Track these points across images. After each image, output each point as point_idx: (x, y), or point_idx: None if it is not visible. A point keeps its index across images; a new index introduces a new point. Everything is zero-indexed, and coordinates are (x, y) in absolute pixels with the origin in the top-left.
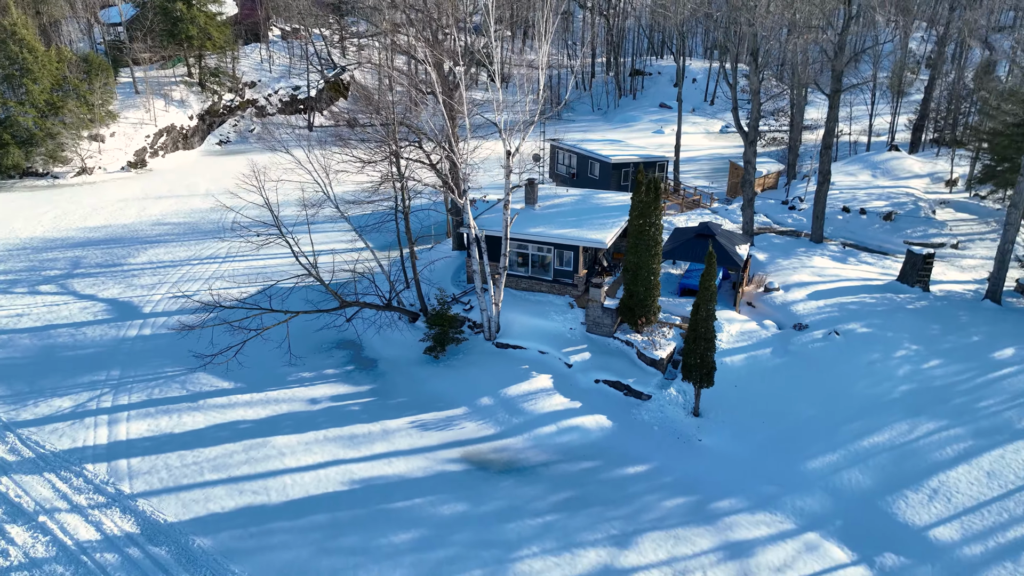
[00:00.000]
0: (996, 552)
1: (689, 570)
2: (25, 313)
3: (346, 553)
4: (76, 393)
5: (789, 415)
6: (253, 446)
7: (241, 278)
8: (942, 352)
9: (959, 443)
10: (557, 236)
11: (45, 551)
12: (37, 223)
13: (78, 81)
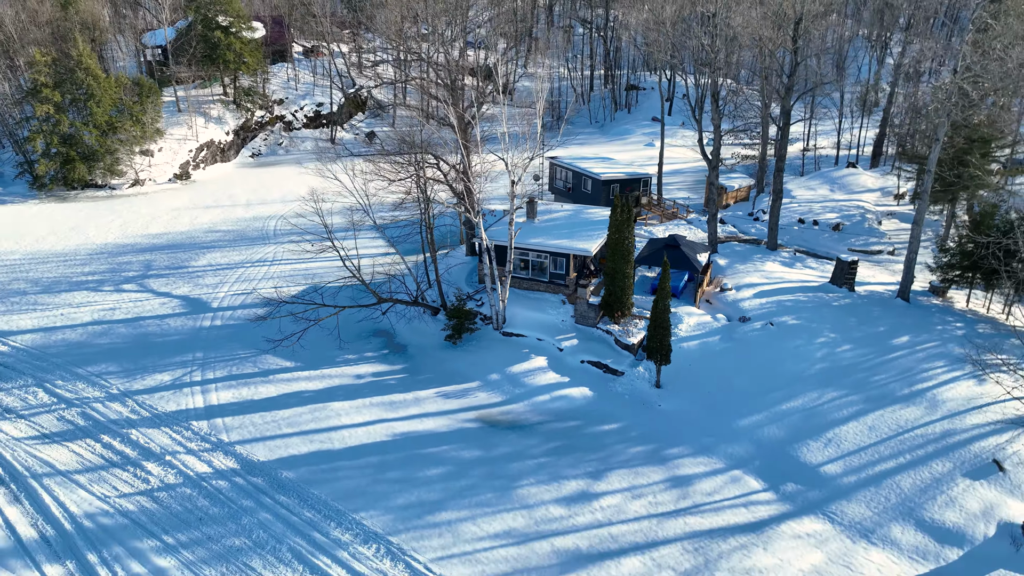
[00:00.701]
0: (865, 481)
1: (643, 494)
2: (117, 307)
3: (392, 482)
4: (172, 370)
5: (729, 386)
6: (316, 409)
7: (287, 279)
8: (853, 339)
9: (852, 407)
10: (552, 246)
11: (175, 479)
12: (107, 230)
13: (132, 103)
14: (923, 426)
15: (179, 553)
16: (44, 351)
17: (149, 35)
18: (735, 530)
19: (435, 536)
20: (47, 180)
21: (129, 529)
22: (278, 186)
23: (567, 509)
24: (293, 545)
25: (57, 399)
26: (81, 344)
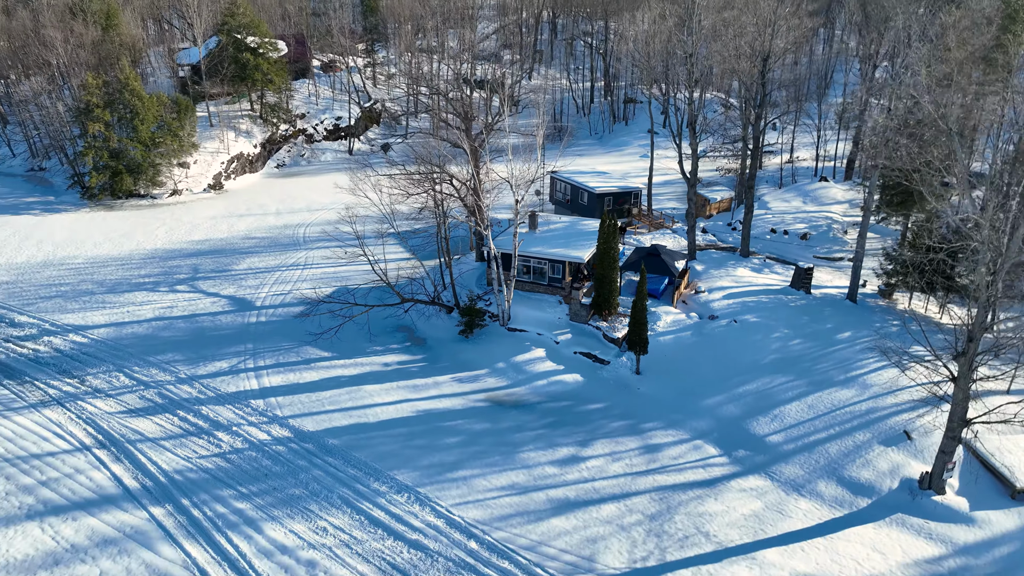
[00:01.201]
0: (801, 448)
1: (621, 458)
2: (174, 306)
3: (418, 447)
4: (228, 358)
5: (697, 373)
6: (351, 391)
7: (319, 281)
8: (803, 334)
9: (797, 389)
10: (551, 253)
11: (241, 445)
12: (154, 236)
13: (171, 119)
14: (852, 405)
15: (252, 499)
16: (118, 342)
17: (183, 53)
18: (693, 485)
19: (453, 488)
20: (96, 191)
21: (210, 482)
22: (303, 196)
23: (559, 469)
24: (341, 494)
25: (136, 382)
26: (148, 337)
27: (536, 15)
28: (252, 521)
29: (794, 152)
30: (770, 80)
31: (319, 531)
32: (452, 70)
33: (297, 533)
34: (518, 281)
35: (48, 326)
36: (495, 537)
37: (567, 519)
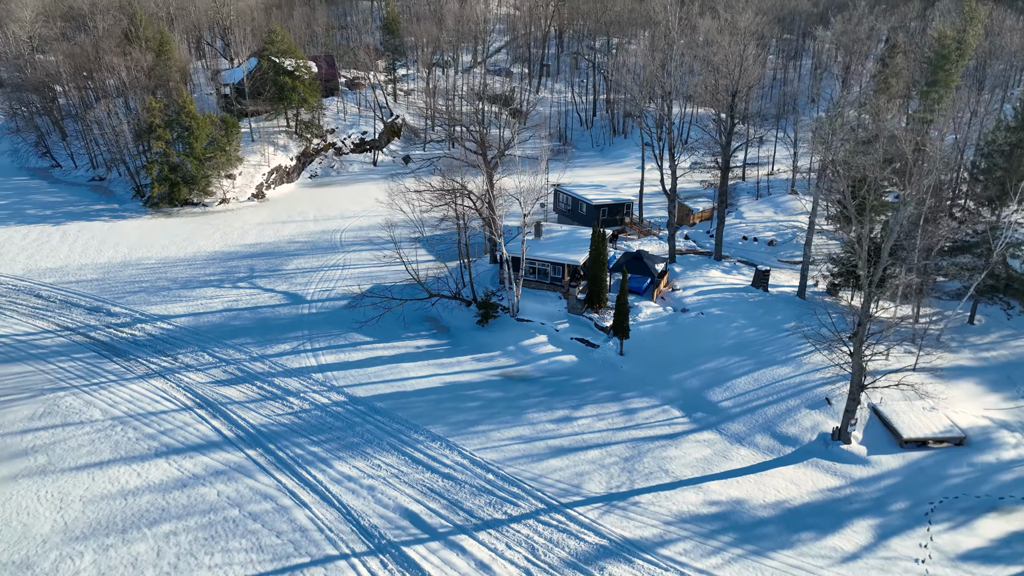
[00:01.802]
0: (745, 411)
1: (604, 418)
2: (238, 299)
3: (446, 409)
4: (289, 342)
5: (668, 354)
6: (391, 367)
7: (357, 279)
8: (757, 324)
9: (746, 367)
10: (552, 257)
11: (309, 406)
12: (211, 240)
13: (220, 136)
14: (788, 379)
15: (322, 445)
16: (197, 329)
17: (227, 73)
18: (659, 438)
19: (474, 438)
20: (157, 200)
21: (288, 432)
22: (336, 204)
23: (555, 425)
24: (389, 442)
25: (217, 359)
26: (221, 324)
27: (543, 32)
28: (324, 459)
29: (774, 165)
30: (741, 110)
31: (374, 467)
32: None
33: (359, 468)
34: (525, 280)
35: (138, 315)
36: (506, 472)
37: (561, 460)
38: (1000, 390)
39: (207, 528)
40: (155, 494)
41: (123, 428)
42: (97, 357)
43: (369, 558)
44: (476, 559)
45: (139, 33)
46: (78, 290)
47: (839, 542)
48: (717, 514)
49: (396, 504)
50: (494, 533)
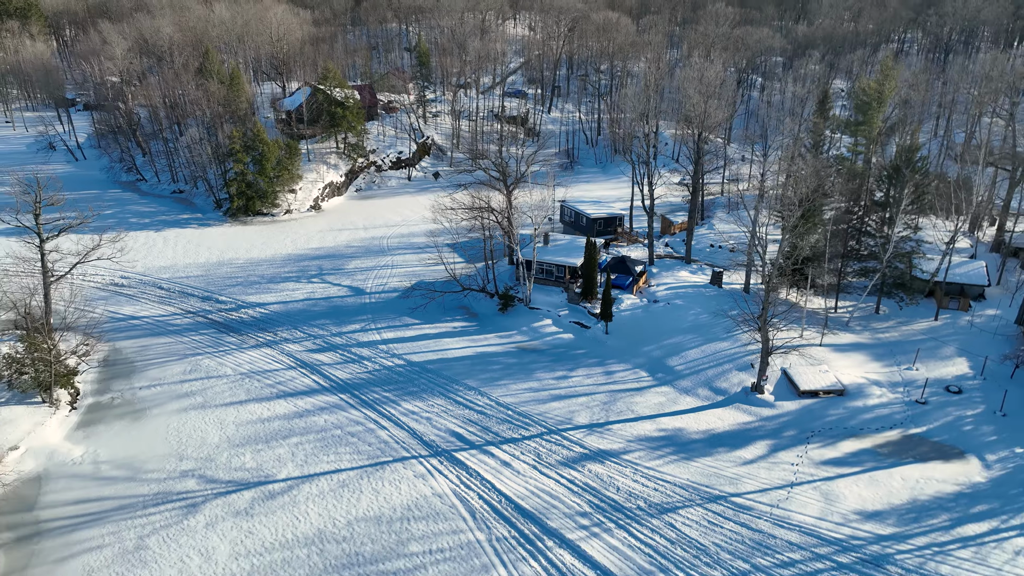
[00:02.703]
0: (691, 372)
1: (591, 377)
2: (314, 291)
3: (477, 370)
4: (357, 323)
5: (641, 333)
6: (435, 341)
7: (404, 276)
8: (709, 311)
9: (697, 342)
10: (557, 260)
11: (378, 367)
12: (283, 245)
13: (284, 158)
14: (726, 351)
15: (391, 392)
16: (287, 313)
17: (287, 100)
18: (629, 390)
19: (498, 388)
20: (235, 211)
21: (366, 384)
22: (380, 215)
23: (556, 381)
24: (439, 390)
25: (306, 335)
26: (304, 310)
27: (556, 57)
28: (394, 401)
29: (749, 182)
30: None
31: (429, 406)
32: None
33: (419, 406)
34: (536, 277)
35: (240, 302)
36: (520, 409)
37: (558, 403)
38: (881, 360)
39: (321, 440)
40: (282, 421)
41: (250, 380)
42: (217, 332)
43: (431, 458)
44: (500, 459)
45: (212, 68)
46: (189, 283)
47: (743, 453)
48: (663, 436)
49: (445, 427)
50: (512, 446)
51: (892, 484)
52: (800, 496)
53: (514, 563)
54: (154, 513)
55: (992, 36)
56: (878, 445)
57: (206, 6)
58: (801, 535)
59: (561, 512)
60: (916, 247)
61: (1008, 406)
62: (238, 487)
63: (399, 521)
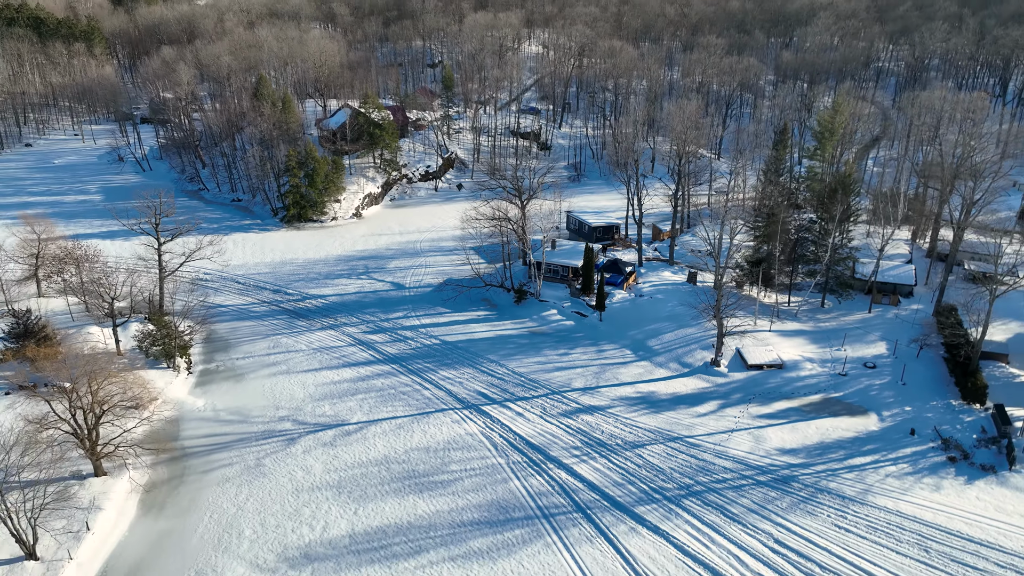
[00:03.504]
0: (666, 351)
1: (586, 353)
2: (363, 286)
3: (497, 347)
4: (400, 311)
5: (628, 321)
6: (464, 326)
7: (436, 274)
8: (684, 303)
9: (672, 328)
10: (562, 262)
11: (419, 345)
12: (332, 247)
13: (331, 172)
14: (694, 334)
15: (430, 362)
16: (343, 303)
17: (331, 120)
18: (615, 364)
19: (512, 361)
20: (290, 218)
21: (411, 357)
22: (412, 222)
23: (558, 356)
24: (467, 362)
25: (361, 320)
26: (356, 301)
27: (566, 76)
28: (434, 369)
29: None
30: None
31: (460, 374)
32: (504, 126)
33: (452, 374)
34: (544, 276)
35: (304, 294)
36: (530, 377)
37: (560, 373)
38: (818, 343)
39: (380, 397)
40: (349, 383)
41: (320, 353)
42: (289, 318)
43: (463, 410)
44: (515, 411)
45: (266, 92)
46: (260, 279)
47: (699, 409)
48: (639, 397)
49: (473, 389)
50: (524, 402)
51: (808, 431)
52: (737, 438)
53: (525, 477)
54: (264, 444)
55: (955, 70)
56: (803, 405)
57: (251, 31)
58: (734, 463)
59: (559, 446)
60: (851, 254)
61: (907, 377)
62: (322, 427)
63: (442, 450)
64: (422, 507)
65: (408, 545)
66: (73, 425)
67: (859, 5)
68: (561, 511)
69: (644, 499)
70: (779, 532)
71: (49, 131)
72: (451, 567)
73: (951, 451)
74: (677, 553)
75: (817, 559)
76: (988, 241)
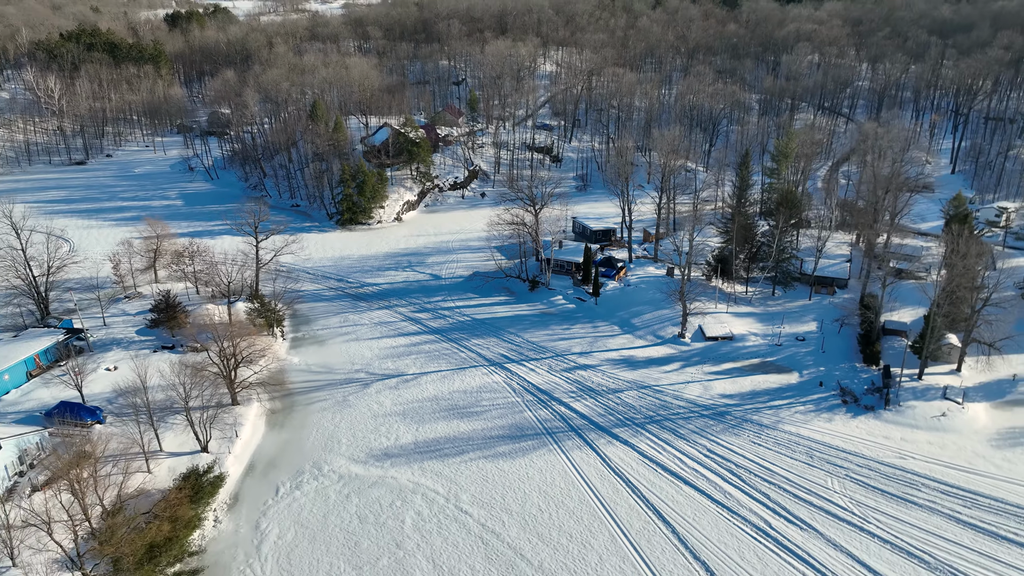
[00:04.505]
0: (647, 326)
1: (584, 328)
2: (408, 277)
3: (515, 324)
4: (439, 296)
5: (617, 304)
6: (489, 307)
7: (466, 267)
8: (663, 291)
9: (651, 310)
10: (567, 258)
11: (454, 322)
12: (379, 246)
13: (377, 183)
14: (667, 314)
15: (464, 334)
16: (392, 290)
17: (375, 137)
18: (606, 336)
19: (527, 332)
20: (344, 221)
21: (449, 329)
22: (444, 225)
23: (562, 330)
24: (491, 334)
25: (408, 303)
26: (403, 288)
27: (576, 95)
28: (467, 339)
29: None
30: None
31: (487, 342)
32: (521, 141)
33: (482, 342)
34: (553, 269)
35: (362, 283)
36: (540, 344)
37: (564, 341)
38: (764, 322)
39: (428, 357)
40: (404, 347)
41: (379, 326)
42: (352, 301)
43: (490, 366)
44: (528, 368)
45: (320, 115)
46: (325, 270)
47: (665, 368)
48: (621, 359)
49: (497, 352)
50: (535, 362)
51: (744, 383)
52: (691, 387)
53: (535, 410)
54: (346, 387)
55: (914, 95)
56: (744, 366)
57: (299, 55)
58: (686, 403)
59: (560, 391)
60: (794, 254)
61: (827, 347)
62: (387, 377)
63: (475, 392)
64: (462, 427)
65: (454, 449)
66: (220, 368)
67: (840, 32)
68: (560, 431)
69: (618, 424)
70: (712, 445)
71: (123, 143)
72: (484, 462)
73: (846, 397)
74: (639, 457)
75: (735, 461)
76: (906, 243)
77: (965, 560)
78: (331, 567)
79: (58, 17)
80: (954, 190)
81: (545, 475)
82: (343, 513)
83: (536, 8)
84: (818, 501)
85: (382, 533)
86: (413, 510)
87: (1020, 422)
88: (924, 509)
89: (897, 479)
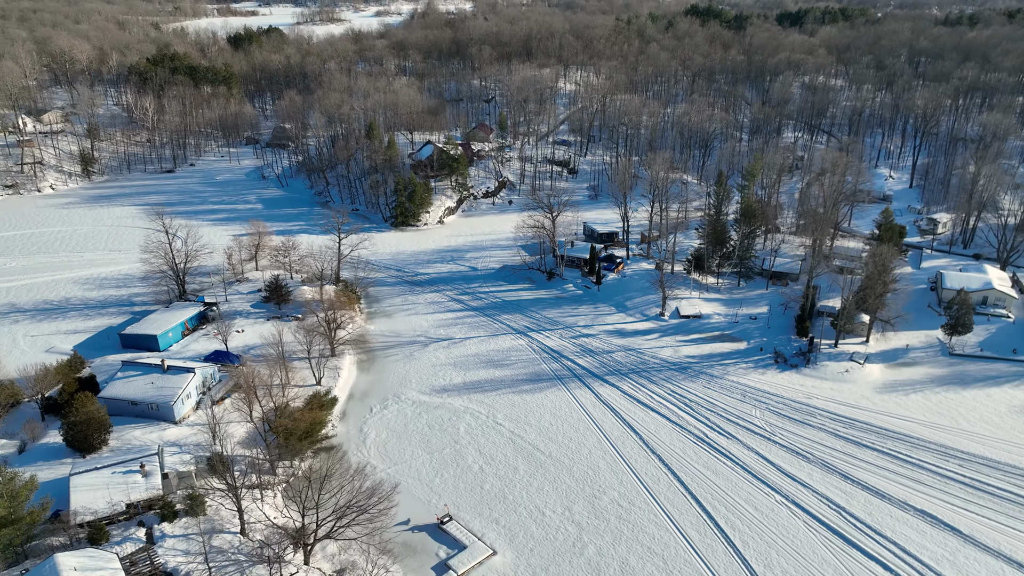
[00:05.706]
0: (637, 307)
1: (588, 310)
2: (452, 269)
3: (535, 305)
4: (477, 284)
5: (615, 291)
6: (515, 292)
7: (496, 261)
8: (653, 281)
9: (640, 294)
10: (577, 255)
11: (488, 303)
12: (427, 244)
13: (424, 192)
14: (653, 298)
15: (495, 312)
16: (440, 278)
17: (420, 153)
18: (604, 314)
19: (544, 311)
20: (397, 224)
21: (486, 308)
22: (479, 227)
23: (572, 309)
24: (517, 312)
25: (454, 287)
26: (448, 277)
27: (591, 114)
28: (497, 314)
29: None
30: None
31: (514, 316)
32: (542, 156)
33: (510, 318)
34: (566, 263)
35: (416, 273)
36: (554, 319)
37: (571, 318)
38: (727, 305)
39: (470, 326)
40: (451, 319)
41: (432, 304)
42: (409, 286)
43: (516, 334)
44: (544, 336)
45: (376, 135)
46: (385, 263)
47: (647, 337)
48: (616, 330)
49: (521, 324)
50: (550, 331)
51: (705, 348)
52: (665, 350)
53: (549, 364)
54: (411, 346)
55: (879, 119)
56: (707, 336)
57: (351, 79)
58: (661, 361)
59: (568, 351)
60: (754, 253)
61: (772, 324)
62: (441, 340)
63: (505, 351)
64: (496, 373)
65: (491, 387)
66: (325, 329)
67: (826, 60)
68: (566, 377)
69: (608, 373)
70: (674, 388)
71: (203, 153)
72: (512, 395)
73: (778, 359)
74: (621, 394)
75: (689, 398)
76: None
77: (836, 458)
78: (412, 453)
79: (126, 34)
80: (909, 202)
81: (554, 403)
82: (417, 423)
83: (558, 33)
84: (743, 423)
85: (445, 435)
86: (464, 423)
87: (902, 377)
88: (815, 428)
89: (801, 411)
